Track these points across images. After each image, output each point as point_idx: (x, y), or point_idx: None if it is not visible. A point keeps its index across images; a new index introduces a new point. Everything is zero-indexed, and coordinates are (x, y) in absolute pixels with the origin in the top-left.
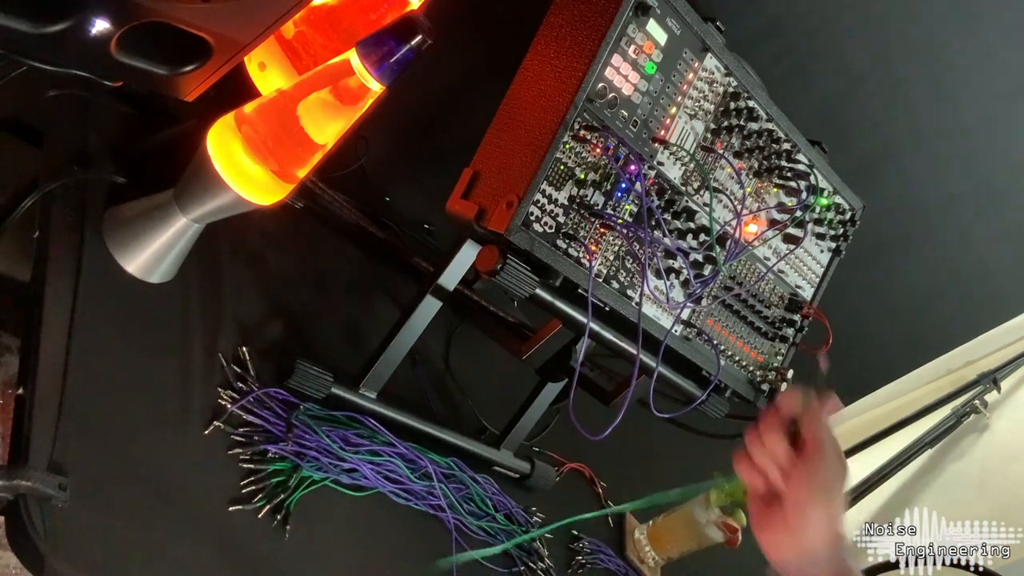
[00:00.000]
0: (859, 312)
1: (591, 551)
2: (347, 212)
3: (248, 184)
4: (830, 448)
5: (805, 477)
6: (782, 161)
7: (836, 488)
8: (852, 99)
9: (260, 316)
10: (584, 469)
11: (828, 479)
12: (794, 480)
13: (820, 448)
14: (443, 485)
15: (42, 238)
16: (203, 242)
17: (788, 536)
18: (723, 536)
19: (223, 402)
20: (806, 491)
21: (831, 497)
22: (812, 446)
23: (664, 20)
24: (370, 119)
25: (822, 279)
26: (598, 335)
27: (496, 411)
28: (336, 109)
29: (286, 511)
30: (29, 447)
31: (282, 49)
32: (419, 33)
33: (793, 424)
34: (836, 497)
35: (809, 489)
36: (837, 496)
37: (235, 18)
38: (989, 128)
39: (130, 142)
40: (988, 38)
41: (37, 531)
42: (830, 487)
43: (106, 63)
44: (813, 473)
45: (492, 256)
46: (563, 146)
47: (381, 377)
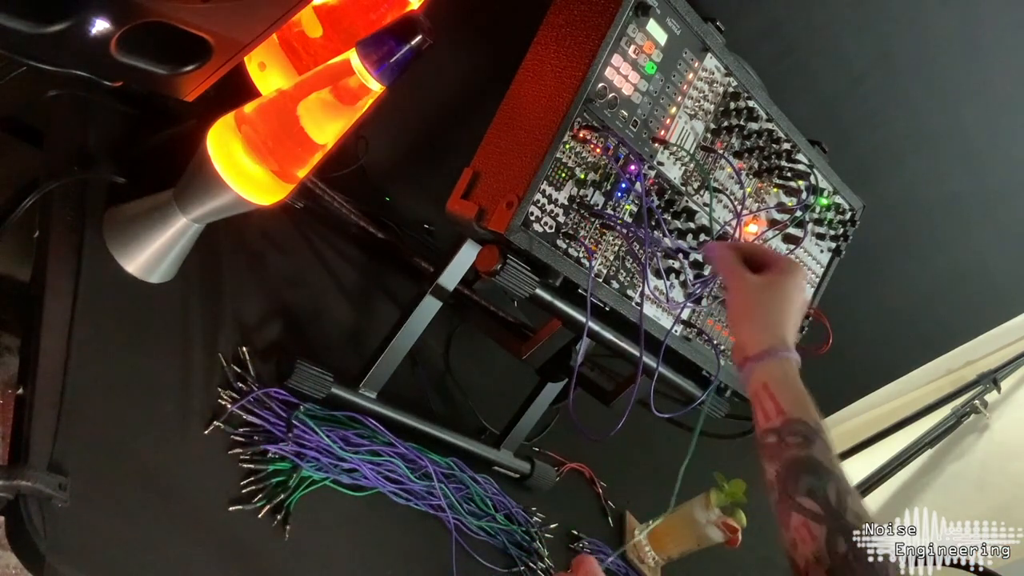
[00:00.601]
0: (859, 312)
1: (591, 551)
2: (347, 212)
3: (248, 184)
4: (735, 286)
5: (750, 290)
6: (782, 161)
7: (775, 307)
8: (852, 99)
9: (260, 316)
10: (584, 469)
11: (735, 315)
12: (739, 287)
13: (783, 273)
14: (443, 485)
15: (42, 238)
16: (203, 242)
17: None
18: (723, 536)
19: (223, 402)
20: (747, 302)
21: (767, 312)
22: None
23: (664, 20)
24: (370, 119)
25: (822, 279)
26: (598, 335)
27: (496, 411)
28: (336, 109)
29: (286, 511)
30: (29, 447)
31: (282, 49)
32: (419, 33)
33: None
34: (774, 314)
35: (749, 301)
36: (775, 313)
37: (235, 18)
38: (989, 128)
39: (130, 142)
40: (988, 38)
41: (37, 531)
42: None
43: (106, 63)
44: (758, 289)
45: (492, 256)
46: (563, 146)
47: (381, 377)
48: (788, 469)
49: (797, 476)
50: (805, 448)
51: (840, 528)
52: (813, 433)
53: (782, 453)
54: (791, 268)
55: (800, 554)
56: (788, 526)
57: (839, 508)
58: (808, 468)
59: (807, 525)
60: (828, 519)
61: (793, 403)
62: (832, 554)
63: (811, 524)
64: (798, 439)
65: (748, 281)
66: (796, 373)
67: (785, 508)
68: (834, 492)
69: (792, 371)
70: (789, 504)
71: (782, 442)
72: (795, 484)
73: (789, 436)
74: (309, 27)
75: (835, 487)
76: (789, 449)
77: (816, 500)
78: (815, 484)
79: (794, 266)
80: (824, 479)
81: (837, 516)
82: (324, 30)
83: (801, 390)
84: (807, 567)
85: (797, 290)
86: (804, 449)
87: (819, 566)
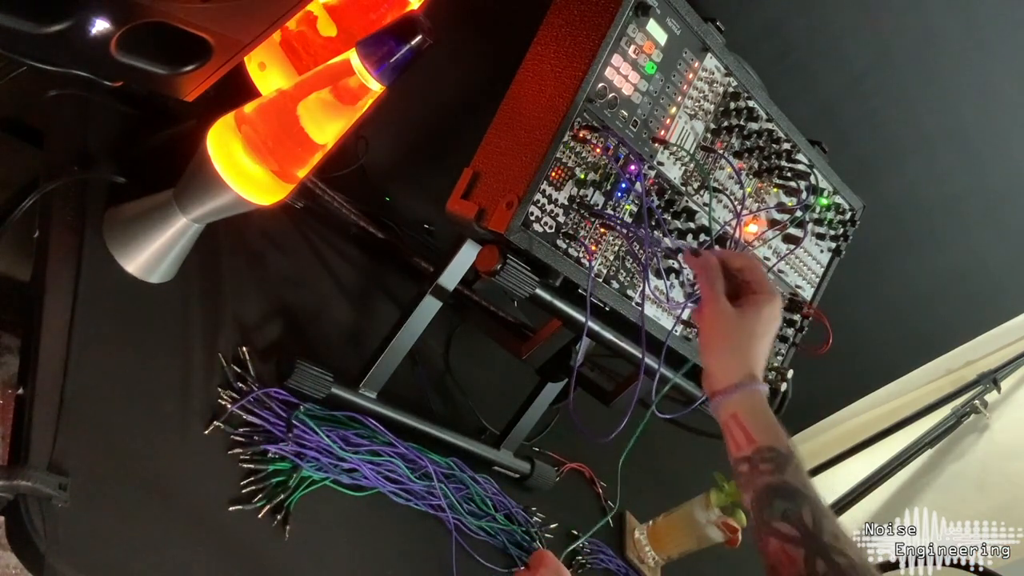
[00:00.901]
0: (859, 312)
1: (591, 551)
2: (347, 212)
3: (248, 184)
4: (710, 317)
5: (724, 320)
6: (782, 161)
7: (744, 343)
8: (852, 99)
9: (260, 316)
10: (584, 469)
11: (706, 346)
12: (713, 313)
13: (756, 306)
14: (443, 485)
15: (42, 238)
16: (203, 242)
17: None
18: (723, 536)
19: (223, 402)
20: (718, 333)
21: (738, 347)
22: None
23: (664, 20)
24: (370, 119)
25: (822, 279)
26: (598, 335)
27: (496, 411)
28: (336, 109)
29: (286, 511)
30: (29, 447)
31: (282, 49)
32: (419, 33)
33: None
34: (743, 349)
35: (721, 331)
36: (745, 348)
37: (235, 18)
38: (989, 128)
39: (130, 142)
40: (988, 38)
41: (37, 531)
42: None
43: (106, 63)
44: (732, 321)
45: (492, 256)
46: (563, 146)
47: (381, 377)
48: (762, 495)
49: (771, 501)
50: (778, 474)
51: (818, 550)
52: (784, 459)
53: (755, 480)
54: (769, 300)
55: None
56: (767, 551)
57: (815, 530)
58: (782, 493)
59: (785, 549)
60: (805, 541)
61: (763, 431)
62: (812, 575)
63: (789, 547)
64: (770, 465)
65: (723, 310)
66: (765, 402)
67: (762, 534)
68: (809, 515)
69: (761, 401)
70: (766, 530)
71: (754, 469)
72: (770, 509)
73: (761, 463)
74: (323, 26)
75: (810, 510)
76: (762, 476)
77: (792, 524)
78: (790, 508)
79: (772, 298)
80: (798, 502)
81: (814, 538)
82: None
83: (770, 418)
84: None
85: (772, 321)
86: (776, 475)
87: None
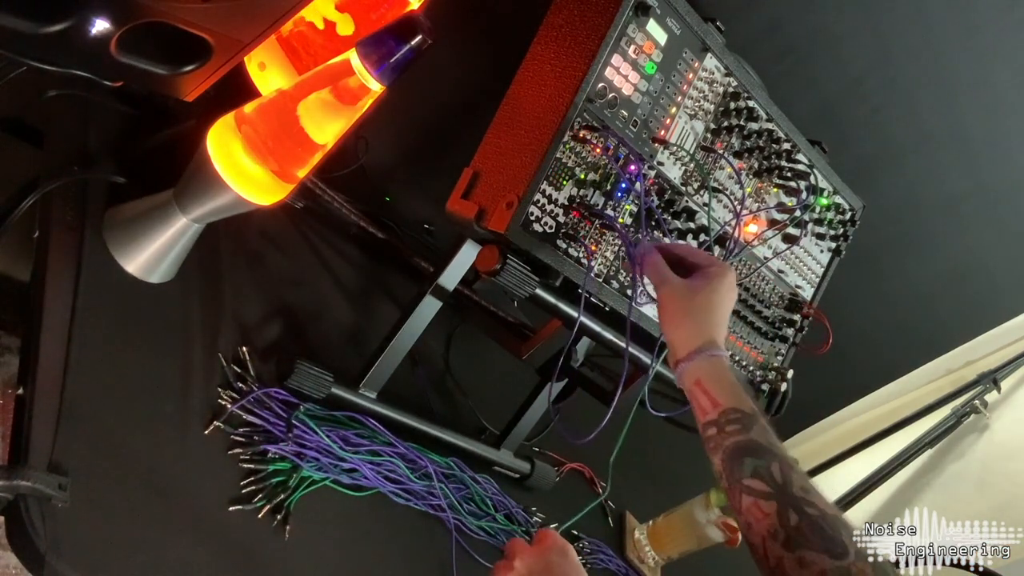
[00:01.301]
0: (859, 312)
1: (591, 551)
2: (347, 212)
3: (248, 184)
4: (664, 292)
5: (679, 294)
6: (782, 161)
7: (700, 312)
8: (852, 99)
9: (260, 316)
10: (584, 469)
11: (665, 321)
12: (668, 291)
13: (707, 277)
14: (443, 485)
15: (42, 238)
16: (203, 242)
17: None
18: (723, 536)
19: (223, 402)
20: (676, 307)
21: (694, 316)
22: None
23: (664, 20)
24: (370, 119)
25: (822, 279)
26: (598, 335)
27: (496, 411)
28: (336, 109)
29: (286, 511)
30: (29, 447)
31: (282, 49)
32: (419, 33)
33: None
34: (700, 318)
35: (678, 306)
36: (702, 316)
37: (235, 18)
38: (989, 128)
39: (130, 142)
40: (988, 38)
41: (37, 531)
42: (691, 308)
43: (106, 63)
44: (686, 295)
45: (492, 256)
46: (563, 146)
47: (381, 377)
48: (731, 455)
49: (740, 460)
50: (744, 433)
51: (789, 502)
52: (749, 419)
53: (723, 441)
54: (719, 272)
55: (756, 533)
56: (740, 510)
57: (785, 484)
58: (750, 451)
59: (757, 504)
60: (776, 495)
61: (727, 394)
62: (785, 527)
63: (761, 503)
64: (736, 426)
65: (676, 287)
66: (727, 367)
67: (735, 493)
68: (778, 470)
69: (722, 366)
70: (738, 488)
71: (721, 431)
72: (740, 468)
73: (727, 425)
74: (342, 25)
75: (778, 465)
76: (729, 437)
77: (762, 479)
78: (759, 464)
79: (722, 269)
80: (767, 459)
81: (784, 491)
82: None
83: (733, 382)
84: (764, 544)
85: (726, 291)
86: (743, 434)
87: (775, 541)
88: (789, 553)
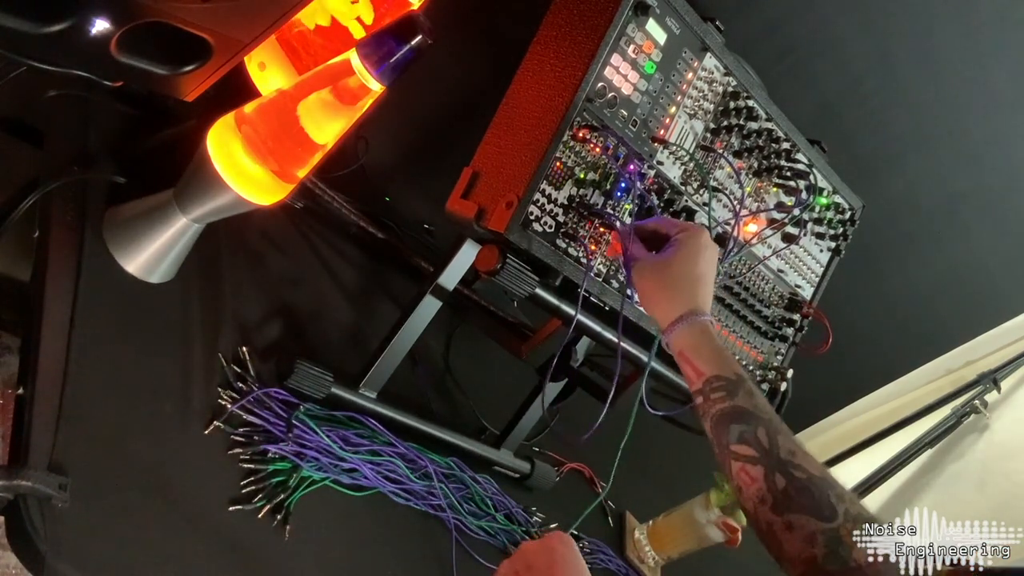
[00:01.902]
0: (859, 312)
1: (591, 551)
2: (347, 212)
3: (248, 184)
4: (637, 270)
5: (650, 271)
6: (781, 161)
7: (678, 280)
8: (852, 99)
9: (260, 316)
10: (584, 469)
11: (642, 297)
12: (639, 271)
13: (676, 247)
14: (443, 485)
15: (42, 238)
16: (203, 242)
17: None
18: (723, 536)
19: (223, 402)
20: (650, 284)
21: (672, 285)
22: (670, 244)
23: (664, 20)
24: (370, 119)
25: (822, 279)
26: (598, 335)
27: (496, 411)
28: (336, 109)
29: (286, 511)
30: (29, 447)
31: (282, 49)
32: (419, 33)
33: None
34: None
35: (652, 282)
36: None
37: (235, 18)
38: (989, 128)
39: (130, 142)
40: (988, 38)
41: (37, 531)
42: (668, 278)
43: (106, 63)
44: (657, 269)
45: (492, 256)
46: (563, 146)
47: (381, 377)
48: (718, 422)
49: (727, 426)
50: (729, 400)
51: (776, 466)
52: (733, 385)
53: (709, 409)
54: (689, 236)
55: (747, 497)
56: (731, 475)
57: (771, 448)
58: (735, 417)
59: (745, 469)
60: (763, 459)
61: (710, 362)
62: (772, 491)
63: (748, 467)
64: (721, 393)
65: (647, 264)
66: (709, 333)
67: (725, 459)
68: (764, 434)
69: (704, 332)
70: (726, 453)
71: (707, 400)
72: (726, 434)
73: (712, 393)
74: (364, 13)
75: (764, 430)
76: (715, 404)
77: (749, 444)
78: (744, 430)
79: (691, 233)
80: (752, 424)
81: (770, 455)
82: (324, 30)
83: (717, 348)
84: (755, 508)
85: (699, 253)
86: (728, 401)
87: (764, 505)
88: (778, 517)
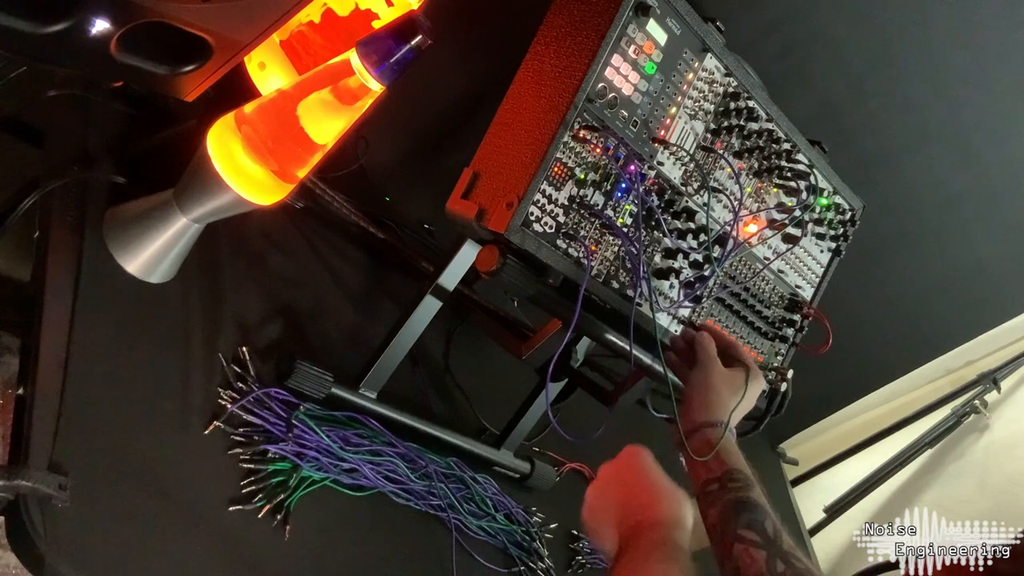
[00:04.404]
0: (859, 312)
1: (591, 551)
2: (347, 212)
3: (248, 184)
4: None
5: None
6: (782, 161)
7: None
8: (852, 99)
9: (260, 316)
10: (584, 469)
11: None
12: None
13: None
14: (443, 485)
15: (42, 238)
16: (203, 242)
17: None
18: None
19: (223, 402)
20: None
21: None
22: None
23: (664, 20)
24: (370, 119)
25: (822, 279)
26: (599, 336)
27: (496, 411)
28: (336, 109)
29: (286, 511)
30: (29, 447)
31: (282, 49)
32: (419, 33)
33: None
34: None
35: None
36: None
37: (235, 18)
38: (989, 128)
39: (130, 142)
40: (988, 38)
41: (37, 531)
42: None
43: (106, 63)
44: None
45: (492, 256)
46: (563, 146)
47: (381, 377)
48: (731, 507)
49: (739, 512)
50: (745, 491)
51: (778, 553)
52: (751, 481)
53: (723, 496)
54: (754, 375)
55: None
56: (731, 555)
57: (775, 538)
58: (748, 507)
59: (749, 551)
60: (767, 546)
61: (735, 456)
62: (772, 573)
63: (752, 550)
64: (738, 484)
65: (718, 368)
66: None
67: (727, 541)
68: (771, 526)
69: (731, 441)
70: (731, 537)
71: (724, 488)
72: (737, 519)
73: (730, 482)
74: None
75: (771, 522)
76: (730, 492)
77: (756, 531)
78: (755, 518)
79: (757, 374)
80: (762, 515)
81: (774, 544)
82: (324, 30)
83: (739, 452)
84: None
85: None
86: (744, 492)
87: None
88: None
